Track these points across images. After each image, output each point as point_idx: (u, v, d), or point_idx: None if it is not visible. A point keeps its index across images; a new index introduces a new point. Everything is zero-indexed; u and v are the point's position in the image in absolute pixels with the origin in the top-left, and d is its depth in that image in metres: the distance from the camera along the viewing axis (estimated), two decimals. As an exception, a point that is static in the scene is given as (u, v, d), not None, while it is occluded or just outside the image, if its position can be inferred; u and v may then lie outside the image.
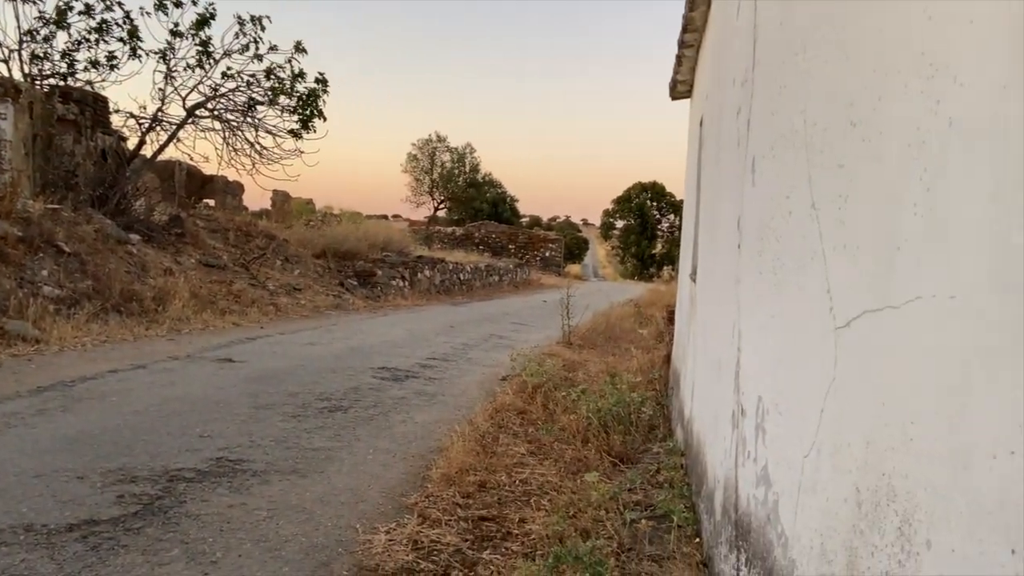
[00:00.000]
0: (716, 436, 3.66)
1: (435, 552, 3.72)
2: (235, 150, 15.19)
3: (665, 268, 52.51)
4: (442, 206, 49.41)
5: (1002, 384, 1.07)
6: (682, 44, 7.06)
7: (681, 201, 10.58)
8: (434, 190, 48.17)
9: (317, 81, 15.26)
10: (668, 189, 58.96)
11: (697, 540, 3.88)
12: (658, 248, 57.99)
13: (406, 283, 19.26)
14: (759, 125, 2.97)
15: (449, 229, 41.08)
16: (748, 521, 2.65)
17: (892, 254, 1.47)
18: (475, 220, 44.13)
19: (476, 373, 9.05)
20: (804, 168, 2.14)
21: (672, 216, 57.25)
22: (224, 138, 15.07)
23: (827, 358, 1.83)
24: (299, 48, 14.76)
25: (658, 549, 3.81)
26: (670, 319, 10.26)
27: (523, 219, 60.87)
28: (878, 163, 1.57)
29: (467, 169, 49.26)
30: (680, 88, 8.41)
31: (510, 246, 39.29)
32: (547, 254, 40.29)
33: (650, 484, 4.89)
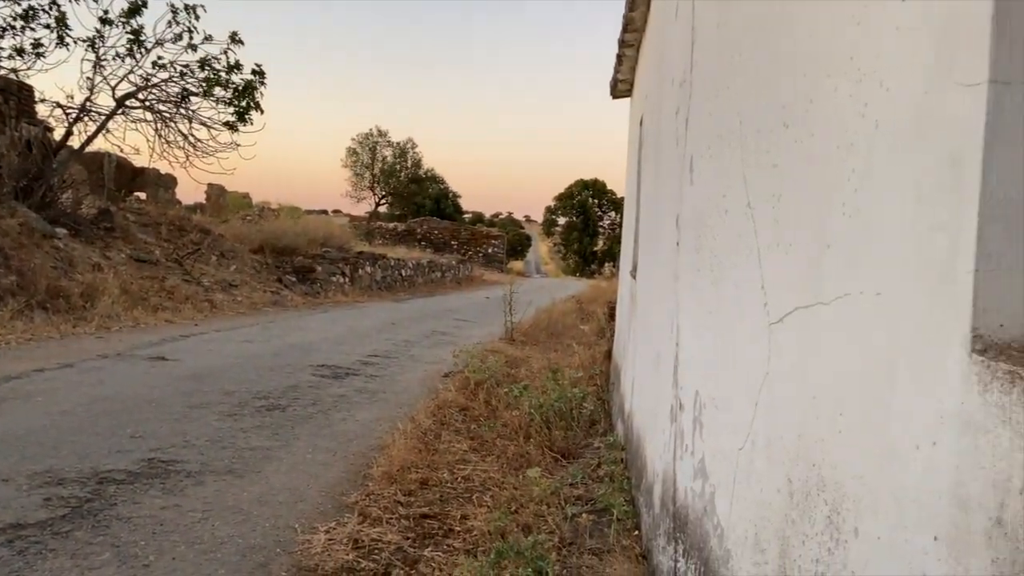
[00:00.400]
0: (655, 430, 3.73)
1: (376, 551, 3.70)
2: (168, 142, 14.77)
3: (606, 265, 53.06)
4: (384, 201, 48.96)
5: (924, 377, 1.11)
6: (622, 44, 7.14)
7: (622, 199, 10.71)
8: (375, 185, 47.69)
9: (254, 73, 14.94)
10: (609, 187, 59.61)
11: (636, 533, 3.94)
12: (600, 245, 58.58)
13: (347, 279, 19.02)
14: (697, 125, 3.02)
15: (391, 225, 40.74)
16: (686, 513, 2.70)
17: (823, 252, 1.51)
18: (417, 216, 43.86)
19: (418, 370, 9.00)
20: (740, 168, 2.19)
21: (613, 213, 57.90)
22: (156, 130, 14.64)
23: (761, 353, 1.87)
24: (235, 39, 14.42)
25: (598, 542, 3.86)
26: (611, 315, 10.39)
27: (466, 215, 60.77)
28: (810, 164, 1.62)
29: (409, 164, 48.90)
30: (621, 87, 8.51)
31: (453, 242, 39.18)
32: (490, 250, 40.32)
33: (591, 479, 4.94)
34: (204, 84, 14.39)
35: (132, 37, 13.59)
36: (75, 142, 13.98)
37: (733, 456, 2.08)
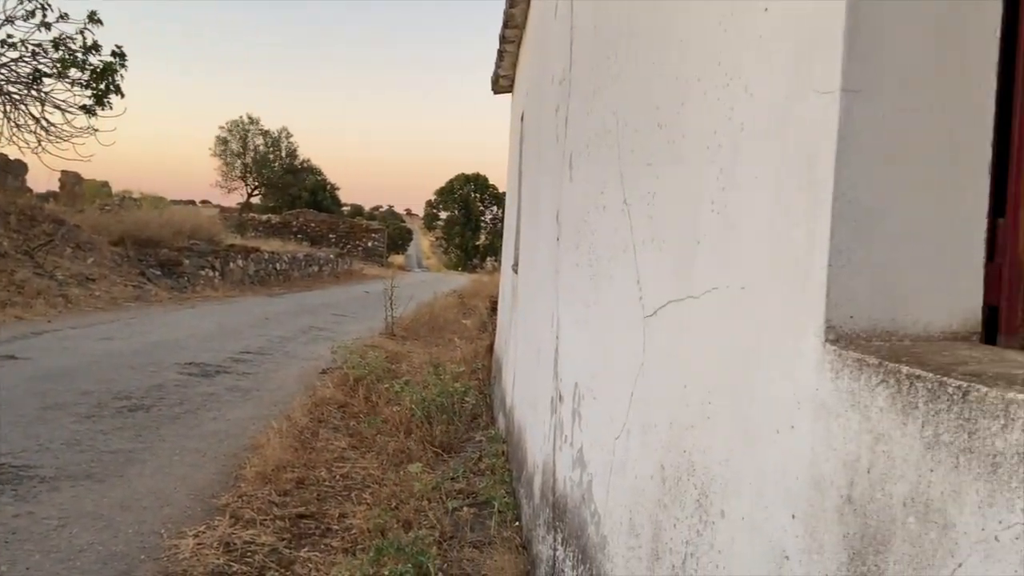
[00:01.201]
0: (536, 422, 3.79)
1: (249, 553, 3.58)
2: (18, 126, 13.66)
3: (489, 259, 53.35)
4: (256, 192, 47.15)
5: (784, 365, 1.19)
6: (503, 39, 7.19)
7: (504, 193, 10.79)
8: (247, 175, 45.83)
9: (114, 55, 14.03)
10: (491, 181, 59.93)
11: (517, 524, 4.00)
12: (482, 239, 58.80)
13: (217, 273, 18.23)
14: (576, 123, 3.09)
15: (264, 217, 39.29)
16: (565, 502, 2.77)
17: (693, 248, 1.58)
18: (293, 208, 42.52)
19: (294, 367, 8.76)
20: (617, 166, 2.26)
21: (495, 208, 58.23)
22: (4, 112, 13.50)
23: (637, 345, 1.94)
24: (93, 18, 13.49)
25: (480, 535, 3.89)
26: (493, 309, 10.46)
27: (344, 208, 59.47)
28: (681, 163, 1.69)
29: (284, 154, 47.30)
30: (502, 83, 8.57)
31: (331, 235, 38.28)
32: (370, 244, 39.68)
33: (472, 472, 4.97)
34: (58, 65, 13.39)
35: (-24, 11, 12.47)
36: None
37: (610, 445, 2.14)
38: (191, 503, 4.24)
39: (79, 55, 13.49)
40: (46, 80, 13.51)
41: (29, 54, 13.19)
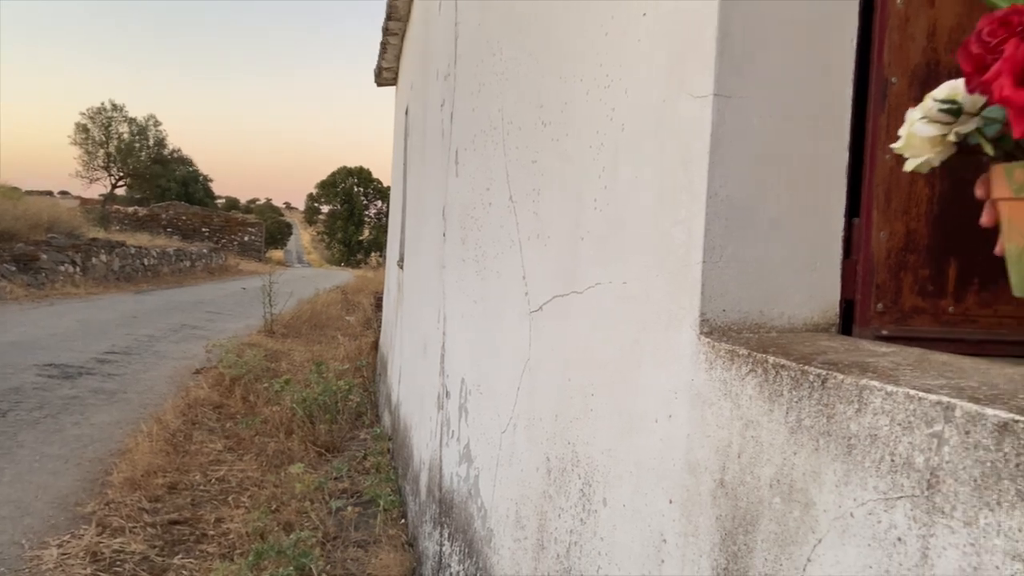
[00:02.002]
0: (422, 419, 3.77)
1: (118, 563, 3.39)
2: None
3: (373, 254, 52.55)
4: (121, 183, 44.43)
5: (662, 357, 1.24)
6: (386, 31, 7.10)
7: (389, 188, 10.66)
8: (111, 165, 43.10)
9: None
10: (376, 175, 59.00)
11: (403, 521, 3.98)
12: (366, 234, 57.81)
13: (78, 269, 17.09)
14: (462, 119, 3.09)
15: (131, 209, 37.12)
16: (451, 498, 2.77)
17: (577, 244, 1.62)
18: (162, 200, 40.37)
19: (165, 367, 8.34)
20: (502, 162, 2.28)
21: (380, 202, 57.37)
22: None
23: (523, 339, 1.97)
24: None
25: (364, 534, 3.84)
26: (378, 306, 10.33)
27: (219, 200, 57.03)
28: (566, 161, 1.73)
29: (151, 143, 44.80)
30: (386, 75, 8.46)
31: (204, 229, 36.61)
32: (246, 239, 38.23)
33: (357, 471, 4.90)
34: None
35: None
36: None
37: (497, 439, 2.17)
38: (54, 512, 3.97)
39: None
40: None
41: None
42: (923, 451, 0.72)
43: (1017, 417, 0.63)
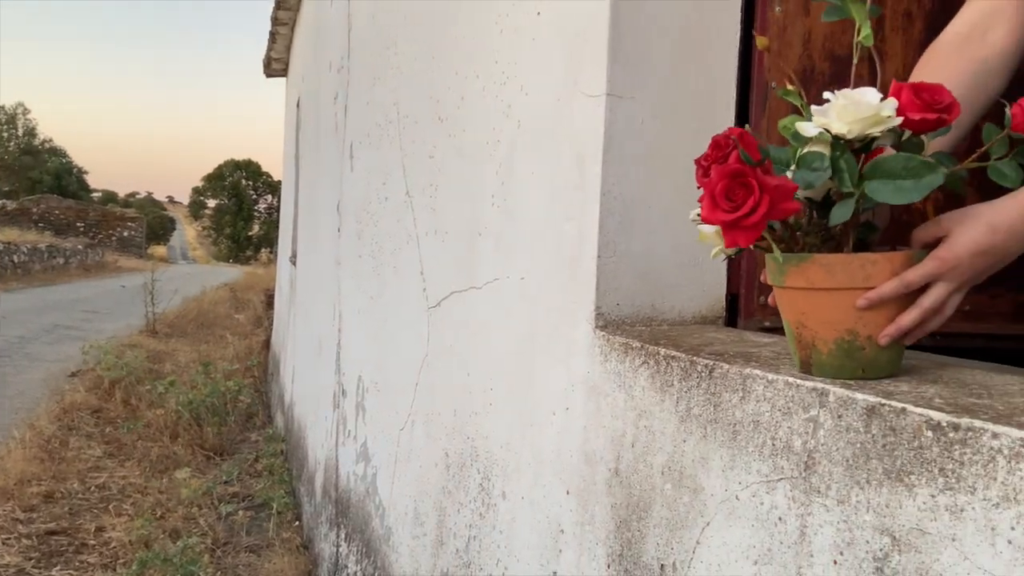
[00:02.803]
0: (317, 418, 3.70)
1: (-12, 581, 3.17)
2: None
3: (264, 250, 50.90)
4: (-13, 175, 41.31)
5: (559, 351, 1.26)
6: (276, 21, 6.89)
7: (280, 182, 10.35)
8: (-25, 156, 40.03)
9: None
10: (265, 168, 57.18)
11: (298, 524, 3.89)
12: (256, 230, 55.94)
13: (-63, 266, 15.78)
14: (356, 112, 3.04)
15: (-2, 202, 34.59)
16: (348, 498, 2.73)
17: (475, 240, 1.63)
18: (33, 193, 37.80)
19: (38, 370, 7.82)
20: (399, 157, 2.26)
21: (270, 197, 55.61)
22: None
23: (421, 335, 1.96)
24: None
25: (257, 539, 3.73)
26: (269, 303, 10.03)
27: (95, 194, 53.93)
28: (462, 157, 1.73)
29: (20, 133, 41.88)
30: (275, 66, 8.21)
31: (79, 224, 34.50)
32: (126, 234, 36.28)
33: (248, 474, 4.76)
34: None
35: None
36: None
37: (395, 436, 2.15)
38: (-91, 531, 3.66)
39: None
40: None
41: None
42: (801, 435, 0.77)
43: (884, 401, 0.68)
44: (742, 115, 1.25)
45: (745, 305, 1.24)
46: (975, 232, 0.80)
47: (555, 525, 1.25)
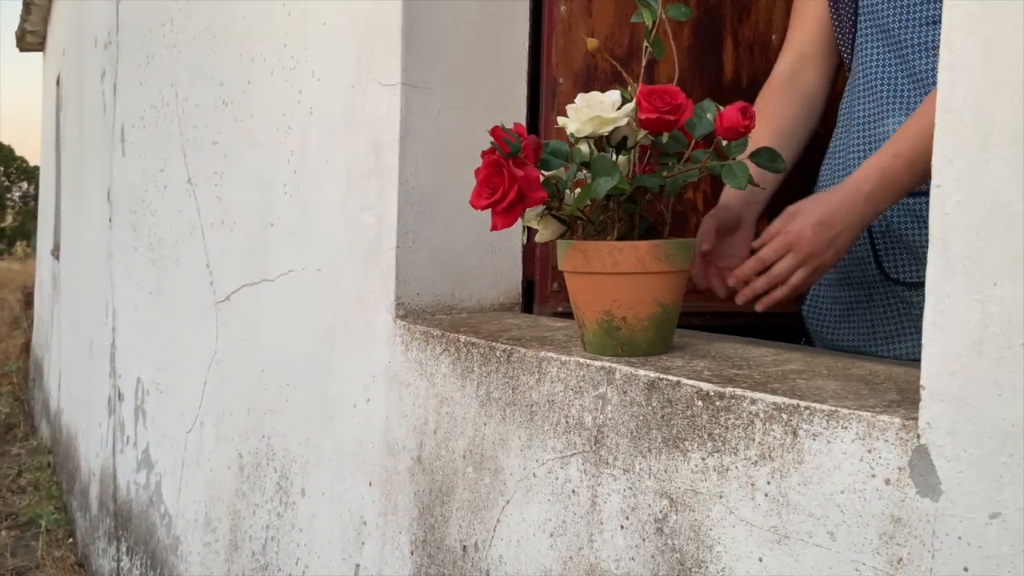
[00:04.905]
0: (90, 425, 3.38)
1: None
2: None
3: (19, 243, 45.41)
4: None
5: (360, 342, 1.25)
6: (30, -13, 6.16)
7: (38, 167, 9.30)
8: None
9: None
10: (20, 152, 51.01)
11: (71, 541, 3.56)
12: (9, 220, 49.77)
13: None
14: (128, 93, 2.80)
15: None
16: (129, 508, 2.53)
17: (267, 231, 1.57)
18: None
19: None
20: (179, 141, 2.11)
21: (26, 184, 49.68)
22: None
23: (209, 332, 1.86)
24: None
25: (24, 560, 3.37)
26: (28, 302, 8.99)
27: None
28: (251, 143, 1.65)
29: None
30: (30, 39, 7.35)
31: None
32: None
33: (10, 491, 4.28)
34: None
35: None
36: None
37: (181, 440, 2.02)
38: None
39: None
40: None
41: None
42: (591, 411, 0.82)
43: (662, 375, 0.75)
44: (535, 109, 1.30)
45: (540, 291, 1.30)
46: (814, 207, 0.96)
47: (357, 518, 1.24)
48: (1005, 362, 0.49)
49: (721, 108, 0.81)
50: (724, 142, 0.81)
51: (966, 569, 0.51)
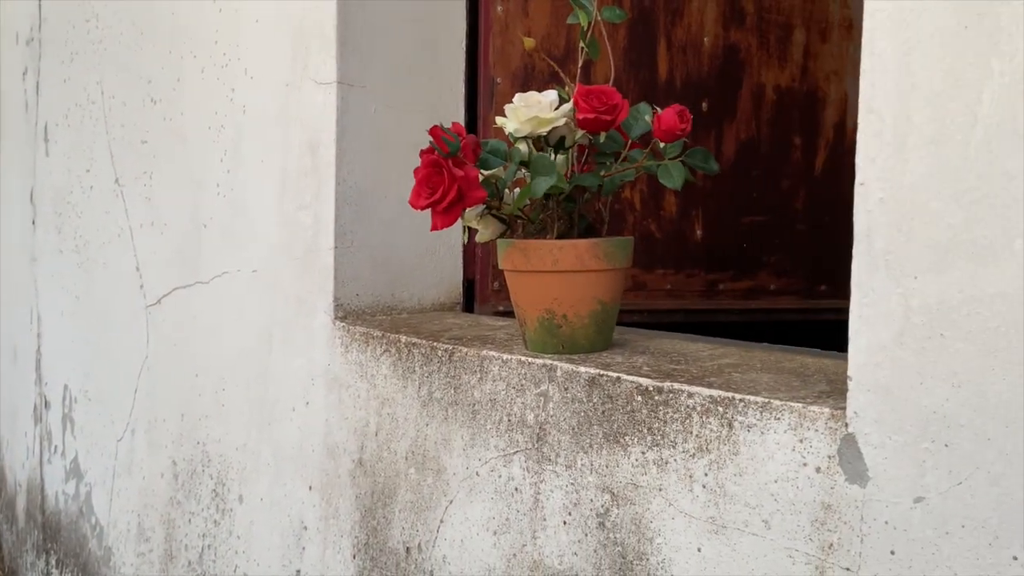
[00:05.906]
0: (15, 435, 3.25)
1: None
2: None
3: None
4: None
5: (298, 345, 1.23)
6: (-58, -22, 5.88)
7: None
8: None
9: None
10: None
11: (-6, 559, 3.40)
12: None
13: None
14: (51, 90, 2.70)
15: None
16: (58, 520, 2.45)
17: (200, 232, 1.53)
18: None
19: None
20: (105, 140, 2.05)
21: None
22: None
23: (140, 337, 1.80)
24: None
25: (-60, 583, 3.21)
26: (-58, 308, 8.58)
27: None
28: (182, 143, 1.61)
29: None
30: (-58, 31, 7.01)
31: None
32: None
33: (-76, 509, 4.05)
34: None
35: None
36: None
37: (112, 449, 1.96)
38: None
39: None
40: None
41: None
42: (533, 409, 0.82)
43: (602, 372, 0.76)
44: (473, 108, 1.30)
45: (480, 291, 1.30)
46: None
47: (298, 523, 1.22)
48: (926, 352, 0.52)
49: (658, 110, 0.83)
50: (661, 144, 0.83)
51: (893, 552, 0.54)
